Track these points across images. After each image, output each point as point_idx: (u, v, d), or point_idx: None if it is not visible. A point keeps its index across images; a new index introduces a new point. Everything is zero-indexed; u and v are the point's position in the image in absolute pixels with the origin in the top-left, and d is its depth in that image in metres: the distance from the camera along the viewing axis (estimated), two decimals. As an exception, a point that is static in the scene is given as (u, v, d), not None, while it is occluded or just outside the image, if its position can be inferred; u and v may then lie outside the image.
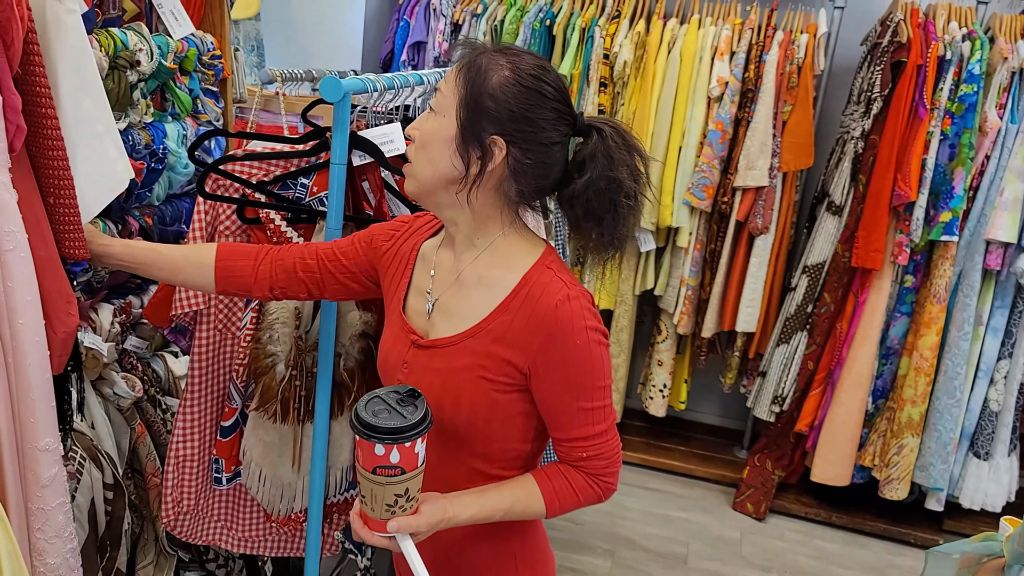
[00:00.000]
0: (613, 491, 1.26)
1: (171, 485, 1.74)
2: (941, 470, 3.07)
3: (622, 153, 1.19)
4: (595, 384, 1.19)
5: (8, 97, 1.16)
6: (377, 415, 1.10)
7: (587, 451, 1.21)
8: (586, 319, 1.18)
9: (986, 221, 2.92)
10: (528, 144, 1.17)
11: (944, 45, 2.88)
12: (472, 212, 1.22)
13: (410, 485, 1.11)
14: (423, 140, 1.21)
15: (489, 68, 1.17)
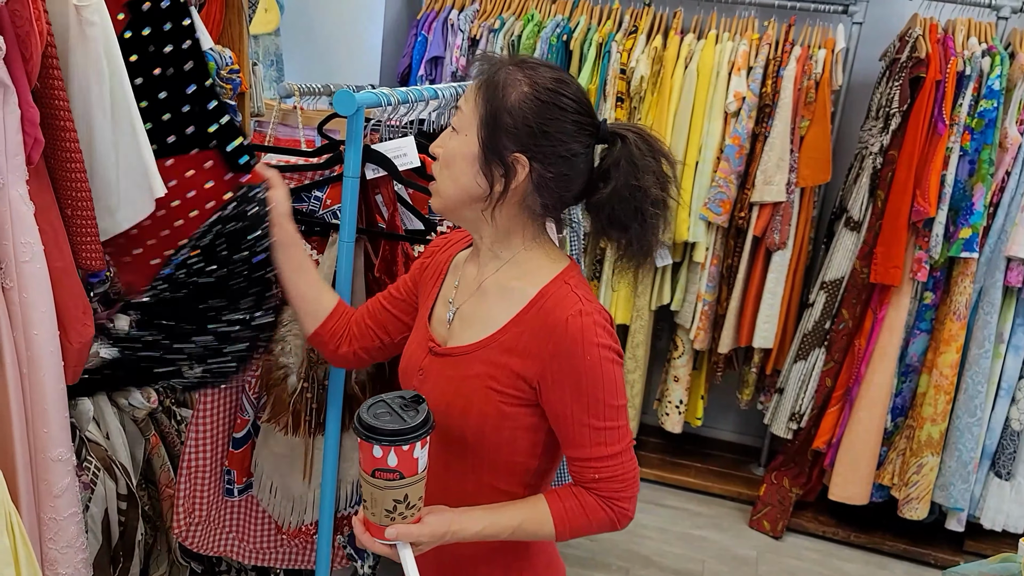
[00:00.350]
0: (629, 518, 1.23)
1: (183, 496, 1.74)
2: (962, 490, 3.03)
3: (647, 159, 1.18)
4: (607, 402, 1.17)
5: (27, 110, 1.18)
6: (378, 417, 1.10)
7: (599, 472, 1.19)
8: (598, 335, 1.16)
9: (1007, 238, 2.89)
10: (550, 158, 1.17)
11: (963, 60, 2.86)
12: (496, 226, 1.23)
13: (410, 492, 1.11)
14: (446, 159, 1.22)
15: (507, 84, 1.17)
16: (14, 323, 1.21)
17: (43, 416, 1.26)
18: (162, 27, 1.39)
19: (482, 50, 3.36)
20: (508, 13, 3.41)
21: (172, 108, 1.43)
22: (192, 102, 1.44)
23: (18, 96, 1.17)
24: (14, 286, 1.21)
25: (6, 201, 1.18)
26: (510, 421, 1.21)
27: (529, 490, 1.27)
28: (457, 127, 1.22)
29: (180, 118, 1.44)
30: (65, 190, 1.29)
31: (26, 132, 1.19)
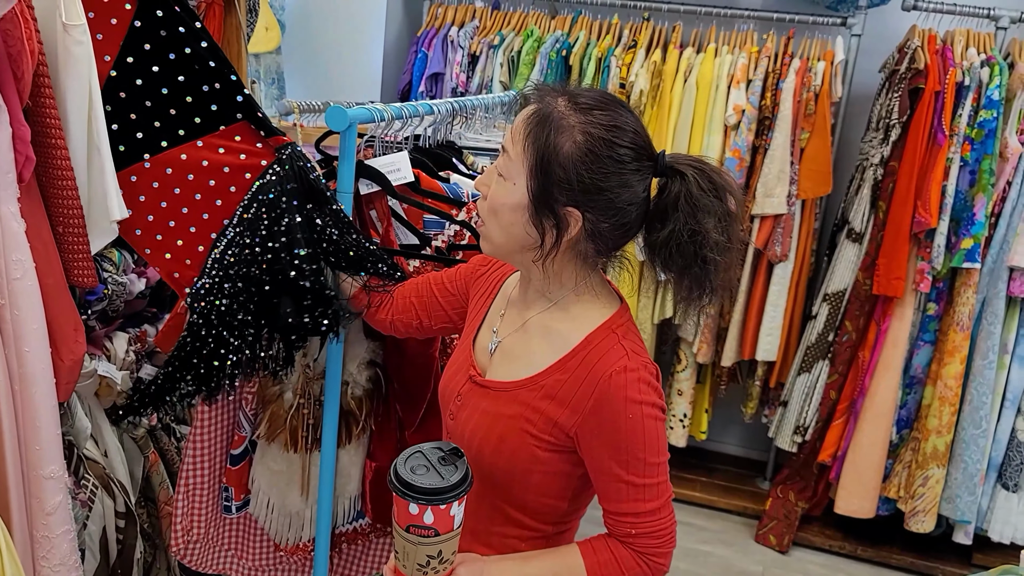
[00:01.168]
0: (665, 572, 1.20)
1: (181, 513, 1.74)
2: (968, 502, 3.00)
3: (708, 199, 1.11)
4: (647, 460, 1.14)
5: (18, 129, 1.19)
6: (415, 471, 1.07)
7: (636, 528, 1.16)
8: (641, 392, 1.13)
9: (1009, 248, 2.87)
10: (605, 211, 1.12)
11: (962, 71, 2.86)
12: (546, 272, 1.19)
13: (444, 547, 1.09)
14: (493, 206, 1.17)
15: (559, 131, 1.10)
16: (5, 340, 1.22)
17: (35, 433, 1.26)
18: (173, 8, 1.38)
19: (482, 67, 3.37)
20: (508, 29, 3.43)
21: (192, 90, 1.42)
22: (212, 80, 1.43)
23: (9, 114, 1.17)
24: (6, 303, 1.21)
25: (-3, 219, 1.18)
26: (542, 465, 1.19)
27: (557, 528, 1.26)
28: (504, 173, 1.15)
29: (202, 98, 1.43)
30: (57, 207, 1.29)
31: (17, 150, 1.19)
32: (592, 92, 1.14)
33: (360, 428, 1.64)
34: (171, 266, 1.51)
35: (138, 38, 1.37)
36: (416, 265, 1.64)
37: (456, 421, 1.27)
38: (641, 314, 3.34)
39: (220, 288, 1.46)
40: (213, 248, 1.49)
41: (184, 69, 1.41)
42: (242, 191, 1.48)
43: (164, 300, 2.14)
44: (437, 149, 1.87)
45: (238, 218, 1.47)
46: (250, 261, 1.44)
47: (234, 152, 1.47)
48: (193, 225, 1.50)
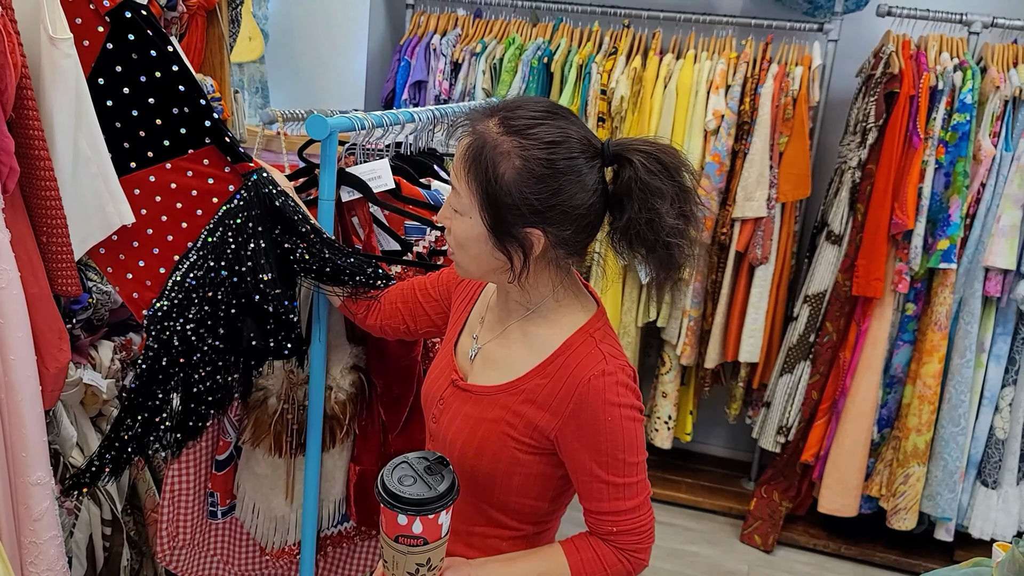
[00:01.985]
0: (645, 566, 1.23)
1: (167, 520, 1.76)
2: (949, 499, 3.04)
3: (659, 181, 1.11)
4: (626, 460, 1.17)
5: (1, 140, 1.21)
6: (402, 482, 1.09)
7: (617, 526, 1.20)
8: (619, 395, 1.16)
9: (984, 248, 2.92)
10: (563, 220, 1.13)
11: (936, 76, 2.91)
12: (524, 287, 1.21)
13: (432, 555, 1.11)
14: (458, 240, 1.18)
15: (498, 161, 1.11)
16: (-9, 349, 1.24)
17: (22, 440, 1.28)
18: (146, 32, 1.41)
19: (465, 74, 3.40)
20: (490, 37, 3.46)
21: (162, 113, 1.45)
22: (183, 102, 1.45)
23: (-7, 127, 1.19)
24: (-9, 312, 1.23)
25: (-18, 229, 1.20)
26: (523, 468, 1.21)
27: (537, 528, 1.28)
28: (458, 208, 1.17)
29: (171, 121, 1.46)
30: (40, 217, 1.31)
31: (1, 162, 1.21)
32: (525, 109, 1.14)
33: (344, 432, 1.66)
34: (131, 286, 1.53)
35: (110, 60, 1.40)
36: (398, 271, 1.66)
37: (439, 424, 1.29)
38: (625, 317, 3.37)
39: (182, 311, 1.49)
40: (175, 271, 1.51)
41: (155, 92, 1.44)
42: (208, 215, 1.51)
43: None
44: (419, 156, 1.89)
45: (202, 241, 1.50)
46: (215, 284, 1.48)
47: (202, 176, 1.51)
48: (156, 247, 1.52)
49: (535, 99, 1.18)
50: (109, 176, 1.44)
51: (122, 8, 1.38)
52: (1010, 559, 1.41)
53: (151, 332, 1.49)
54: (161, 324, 1.49)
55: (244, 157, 1.49)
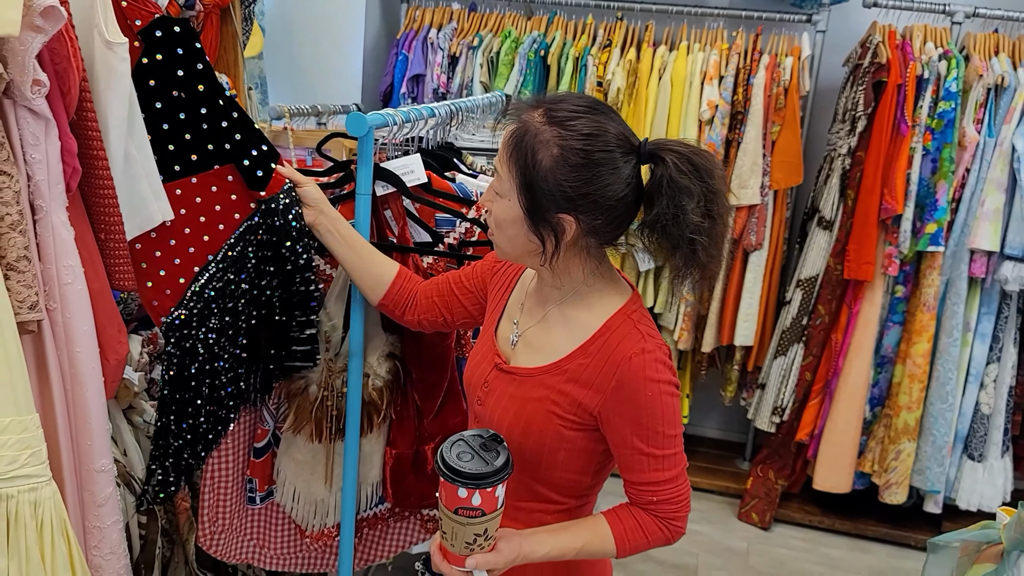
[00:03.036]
0: (682, 533, 1.29)
1: (207, 506, 1.81)
2: (937, 473, 3.16)
3: (689, 181, 1.17)
4: (665, 432, 1.23)
5: (65, 141, 1.26)
6: (461, 458, 1.16)
7: (657, 495, 1.25)
8: (658, 372, 1.22)
9: (969, 231, 3.04)
10: (595, 210, 1.20)
11: (921, 65, 3.02)
12: (555, 269, 1.28)
13: (489, 525, 1.17)
14: (497, 221, 1.26)
15: (537, 149, 1.18)
16: (58, 342, 1.28)
17: (86, 429, 1.33)
18: (175, 51, 1.46)
19: (462, 67, 3.46)
20: (485, 31, 3.52)
21: (191, 128, 1.50)
22: (207, 121, 1.51)
23: (58, 128, 1.24)
24: (57, 307, 1.27)
25: (49, 227, 1.25)
26: (567, 443, 1.28)
27: (579, 501, 1.35)
28: (499, 191, 1.25)
29: (199, 137, 1.51)
30: (98, 215, 1.36)
31: (65, 162, 1.26)
32: (568, 103, 1.21)
33: (381, 418, 1.73)
34: (151, 294, 1.57)
35: (144, 74, 1.45)
36: (430, 261, 1.72)
37: (484, 406, 1.36)
38: (623, 304, 3.45)
39: (202, 321, 1.55)
40: (194, 281, 1.57)
41: (185, 107, 1.49)
42: (230, 230, 1.57)
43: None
44: (439, 150, 1.96)
45: (223, 255, 1.56)
46: (235, 296, 1.54)
47: (226, 191, 1.56)
48: (178, 257, 1.57)
49: (578, 95, 1.25)
50: (153, 175, 1.49)
51: (153, 27, 1.44)
52: (1016, 520, 1.51)
53: (170, 340, 1.55)
54: (180, 332, 1.55)
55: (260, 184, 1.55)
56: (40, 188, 1.23)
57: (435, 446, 1.76)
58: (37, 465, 1.20)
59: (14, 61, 1.14)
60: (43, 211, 1.24)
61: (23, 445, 1.18)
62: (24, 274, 1.19)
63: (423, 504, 1.83)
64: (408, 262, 1.69)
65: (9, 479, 1.17)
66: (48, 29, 1.15)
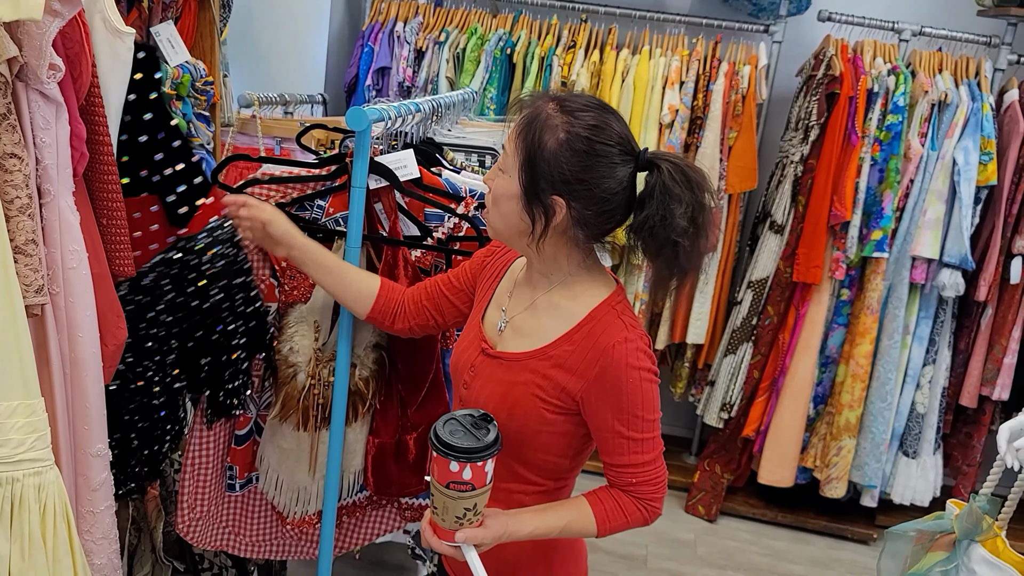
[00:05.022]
0: (658, 515, 1.35)
1: (187, 492, 1.81)
2: (875, 469, 3.33)
3: (680, 190, 1.24)
4: (644, 417, 1.29)
5: (75, 127, 1.26)
6: (453, 435, 1.21)
7: (636, 477, 1.31)
8: (639, 360, 1.28)
9: (911, 239, 3.20)
10: (588, 199, 1.26)
11: (872, 79, 3.16)
12: (543, 255, 1.33)
13: (478, 500, 1.23)
14: (494, 196, 1.32)
15: (544, 132, 1.25)
16: (59, 326, 1.28)
17: (85, 414, 1.33)
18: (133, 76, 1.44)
19: (428, 62, 3.48)
20: (451, 26, 3.54)
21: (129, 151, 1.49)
22: (145, 149, 1.50)
23: (68, 113, 1.24)
24: (60, 291, 1.27)
25: (55, 211, 1.25)
26: (549, 426, 1.33)
27: (557, 484, 1.40)
28: (502, 167, 1.31)
29: (135, 161, 1.50)
30: (102, 201, 1.36)
31: (73, 147, 1.26)
32: (581, 98, 1.29)
33: (366, 407, 1.75)
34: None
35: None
36: (418, 255, 1.76)
37: (470, 390, 1.41)
38: (581, 301, 3.53)
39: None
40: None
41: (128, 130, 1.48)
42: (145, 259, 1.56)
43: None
44: (422, 146, 1.99)
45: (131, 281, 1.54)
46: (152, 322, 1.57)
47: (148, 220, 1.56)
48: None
49: (592, 96, 1.33)
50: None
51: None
52: (968, 512, 1.62)
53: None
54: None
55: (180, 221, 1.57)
56: (48, 172, 1.23)
57: (418, 436, 1.80)
58: (42, 449, 1.20)
59: (30, 44, 1.14)
60: (50, 195, 1.24)
61: (30, 428, 1.18)
62: (31, 258, 1.19)
63: (403, 492, 1.86)
64: (398, 255, 1.72)
65: (15, 463, 1.17)
66: (65, 13, 1.16)
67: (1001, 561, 1.52)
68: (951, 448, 3.51)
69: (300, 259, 1.62)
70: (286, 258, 1.61)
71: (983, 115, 3.11)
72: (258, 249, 1.77)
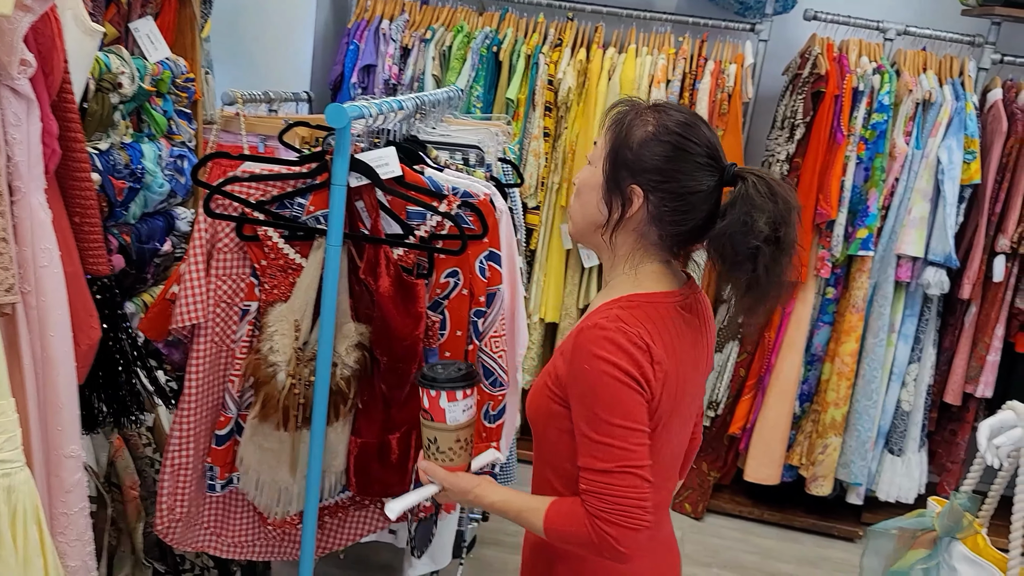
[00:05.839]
0: (614, 548, 1.16)
1: (166, 493, 1.79)
2: (861, 466, 3.33)
3: (763, 200, 1.19)
4: (599, 416, 1.18)
5: (47, 124, 1.24)
6: (432, 369, 1.31)
7: (586, 484, 1.18)
8: (605, 349, 1.18)
9: (896, 237, 3.21)
10: (665, 193, 1.23)
11: (857, 77, 3.16)
12: (614, 252, 1.30)
13: (439, 436, 1.29)
14: (579, 188, 1.32)
15: (634, 124, 1.25)
16: (31, 325, 1.26)
17: (58, 414, 1.31)
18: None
19: (414, 60, 3.47)
20: (438, 24, 3.53)
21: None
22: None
23: (39, 109, 1.22)
24: (32, 290, 1.26)
25: (27, 208, 1.23)
26: (556, 420, 1.28)
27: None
28: (591, 159, 1.31)
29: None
30: (74, 198, 1.34)
31: (45, 143, 1.24)
32: (677, 106, 1.29)
33: (348, 407, 1.74)
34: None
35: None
36: (400, 253, 1.74)
37: None
38: (567, 300, 3.53)
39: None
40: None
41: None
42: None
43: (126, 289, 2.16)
44: (405, 143, 1.97)
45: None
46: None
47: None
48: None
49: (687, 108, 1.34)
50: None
51: None
52: (949, 510, 1.63)
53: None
54: None
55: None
56: (19, 169, 1.21)
57: (401, 436, 1.78)
58: (12, 450, 1.19)
59: (1, 40, 1.13)
60: (21, 192, 1.22)
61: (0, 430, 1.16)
62: (2, 256, 1.18)
63: (386, 492, 1.84)
64: (379, 254, 1.70)
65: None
66: (36, 9, 1.14)
67: (981, 558, 1.52)
68: (936, 445, 3.52)
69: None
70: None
71: (967, 114, 3.12)
72: (238, 247, 1.76)
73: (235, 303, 1.78)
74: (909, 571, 1.63)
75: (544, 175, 3.41)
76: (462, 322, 1.82)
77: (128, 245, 2.12)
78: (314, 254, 1.70)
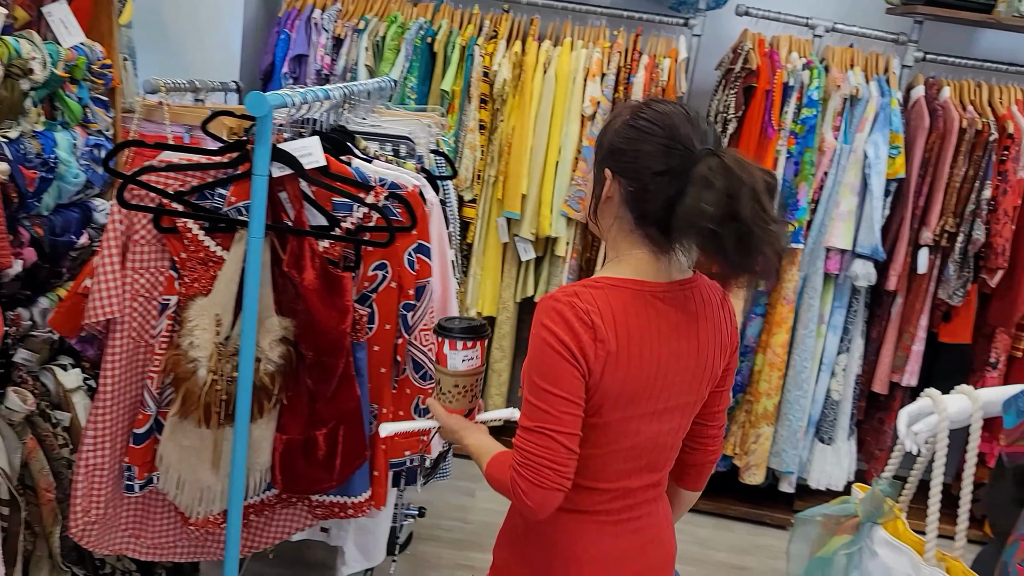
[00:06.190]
0: (522, 499, 1.23)
1: (80, 495, 1.73)
2: (792, 455, 3.40)
3: (716, 176, 1.18)
4: (531, 378, 1.23)
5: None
6: (451, 320, 1.41)
7: (516, 440, 1.24)
8: (550, 318, 1.22)
9: (825, 230, 3.27)
10: (629, 174, 1.27)
11: (787, 73, 3.21)
12: (604, 238, 1.36)
13: (442, 379, 1.41)
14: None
15: (618, 116, 1.32)
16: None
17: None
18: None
19: (347, 50, 3.41)
20: (371, 14, 3.48)
21: None
22: None
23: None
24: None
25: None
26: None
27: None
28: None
29: None
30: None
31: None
32: (667, 101, 1.32)
33: (272, 403, 1.70)
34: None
35: None
36: (326, 245, 1.71)
37: None
38: (504, 293, 3.51)
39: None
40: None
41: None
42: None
43: (39, 283, 2.07)
44: (332, 133, 1.93)
45: None
46: None
47: None
48: None
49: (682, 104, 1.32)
50: None
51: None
52: (871, 496, 1.66)
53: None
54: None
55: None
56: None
57: (328, 432, 1.75)
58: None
59: None
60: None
61: None
62: None
63: (313, 490, 1.81)
64: (303, 246, 1.66)
65: None
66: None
67: (901, 542, 1.55)
68: (864, 434, 3.61)
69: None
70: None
71: (892, 110, 3.19)
72: (156, 239, 1.70)
73: (153, 297, 1.72)
74: (833, 556, 1.66)
75: (480, 168, 3.39)
76: (391, 315, 1.79)
77: (41, 238, 2.03)
78: (236, 246, 1.65)
